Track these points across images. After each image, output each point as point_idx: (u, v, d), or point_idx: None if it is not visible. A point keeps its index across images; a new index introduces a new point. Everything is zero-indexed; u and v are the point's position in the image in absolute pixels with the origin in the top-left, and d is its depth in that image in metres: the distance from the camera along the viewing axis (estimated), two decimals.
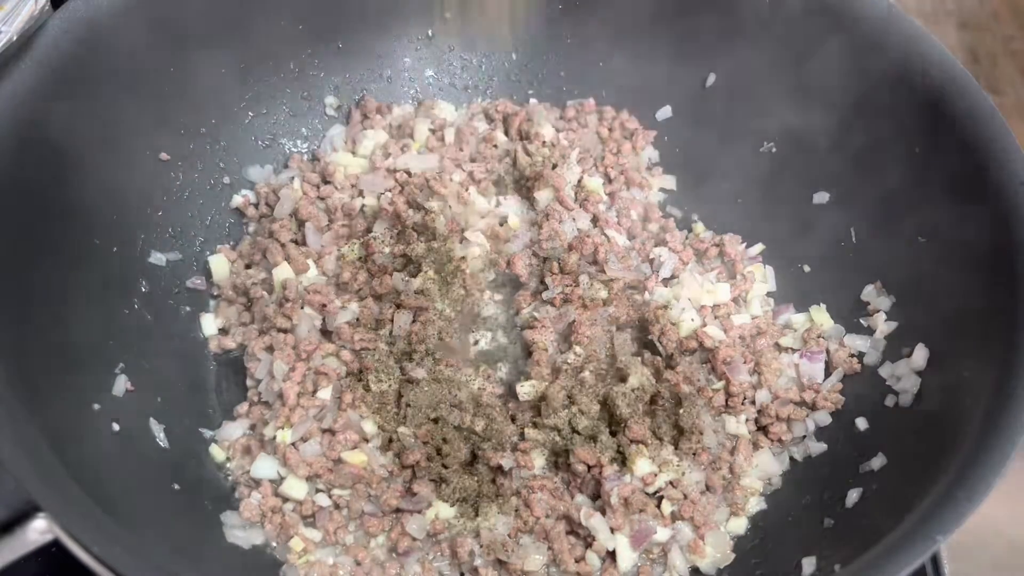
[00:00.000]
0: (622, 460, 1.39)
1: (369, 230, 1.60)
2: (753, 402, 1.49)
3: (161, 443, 1.36)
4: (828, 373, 1.52)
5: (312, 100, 1.75)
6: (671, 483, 1.38)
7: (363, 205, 1.65)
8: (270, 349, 1.48)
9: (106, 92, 1.39)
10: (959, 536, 1.05)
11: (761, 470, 1.45)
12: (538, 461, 1.40)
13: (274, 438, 1.38)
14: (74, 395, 1.26)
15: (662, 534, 1.34)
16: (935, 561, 1.40)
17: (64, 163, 1.33)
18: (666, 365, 1.51)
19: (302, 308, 1.50)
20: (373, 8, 1.72)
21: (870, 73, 1.50)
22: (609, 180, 1.74)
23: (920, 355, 1.39)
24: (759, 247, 1.68)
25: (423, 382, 1.45)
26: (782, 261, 1.67)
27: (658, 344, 1.53)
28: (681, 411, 1.42)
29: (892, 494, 1.25)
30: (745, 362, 1.51)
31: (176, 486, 1.31)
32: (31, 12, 1.26)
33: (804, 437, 1.48)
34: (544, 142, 1.70)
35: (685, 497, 1.37)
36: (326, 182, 1.69)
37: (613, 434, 1.41)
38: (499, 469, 1.38)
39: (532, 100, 1.83)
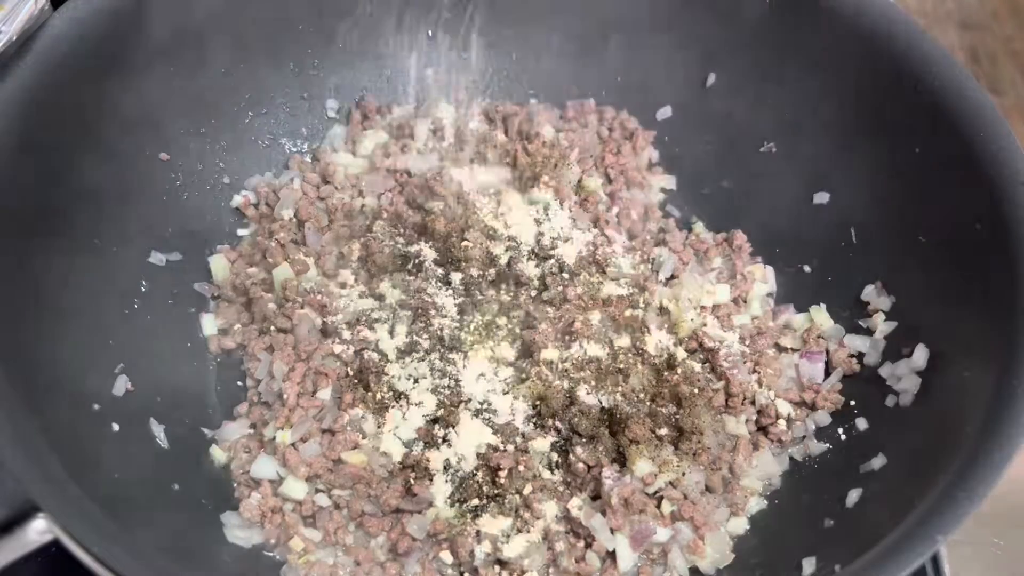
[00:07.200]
0: (622, 460, 1.39)
1: (369, 230, 1.60)
2: (753, 402, 1.49)
3: (161, 443, 1.35)
4: (828, 373, 1.52)
5: (312, 100, 1.75)
6: (671, 483, 1.38)
7: (363, 205, 1.64)
8: (270, 349, 1.48)
9: (106, 92, 1.39)
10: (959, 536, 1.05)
11: (761, 470, 1.44)
12: (538, 461, 1.40)
13: (274, 438, 1.38)
14: (74, 395, 1.25)
15: (662, 534, 1.33)
16: (935, 561, 1.40)
17: (64, 163, 1.33)
18: (666, 365, 1.51)
19: (302, 308, 1.50)
20: (373, 8, 1.72)
21: (870, 73, 1.50)
22: (609, 180, 1.74)
23: (920, 355, 1.39)
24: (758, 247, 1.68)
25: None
26: (782, 261, 1.67)
27: (657, 344, 1.53)
28: (681, 411, 1.42)
29: (892, 494, 1.25)
30: (745, 362, 1.51)
31: (176, 486, 1.31)
32: (31, 12, 1.26)
33: (804, 437, 1.48)
34: (544, 142, 1.70)
35: (685, 497, 1.37)
36: (326, 182, 1.69)
37: (613, 434, 1.41)
38: (499, 469, 1.38)
39: (532, 100, 1.82)
